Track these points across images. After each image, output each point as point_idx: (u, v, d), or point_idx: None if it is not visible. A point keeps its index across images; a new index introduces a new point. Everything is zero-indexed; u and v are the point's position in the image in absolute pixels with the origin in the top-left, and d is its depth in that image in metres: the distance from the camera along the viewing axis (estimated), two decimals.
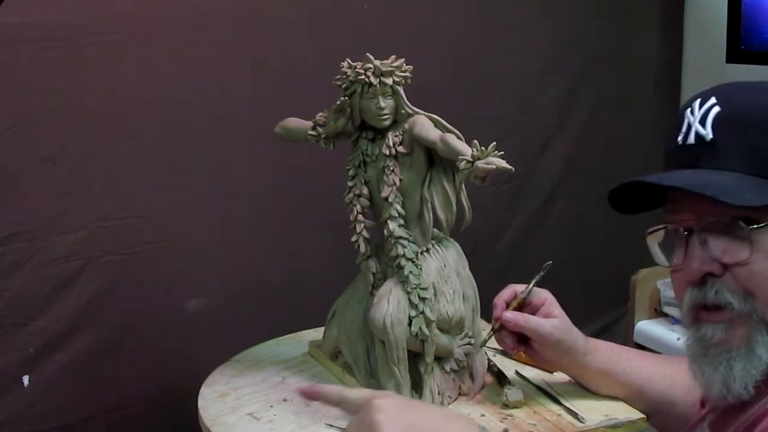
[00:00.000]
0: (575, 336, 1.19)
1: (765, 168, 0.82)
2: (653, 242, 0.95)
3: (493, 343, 1.24)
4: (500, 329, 1.20)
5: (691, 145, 0.87)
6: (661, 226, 0.93)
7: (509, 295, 1.20)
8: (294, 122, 1.28)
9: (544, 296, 1.21)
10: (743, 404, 0.86)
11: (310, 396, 0.93)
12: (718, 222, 0.84)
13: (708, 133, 0.85)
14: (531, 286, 1.20)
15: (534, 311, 1.19)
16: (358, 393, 0.90)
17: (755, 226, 0.82)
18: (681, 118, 0.89)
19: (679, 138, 0.88)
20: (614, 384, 1.20)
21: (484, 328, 1.28)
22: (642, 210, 0.96)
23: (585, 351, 1.19)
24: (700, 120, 0.86)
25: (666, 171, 0.91)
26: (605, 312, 2.32)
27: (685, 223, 0.88)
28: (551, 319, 1.18)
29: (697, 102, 0.88)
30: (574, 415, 1.17)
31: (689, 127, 0.87)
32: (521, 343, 1.21)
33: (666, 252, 0.94)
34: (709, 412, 0.95)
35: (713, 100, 0.86)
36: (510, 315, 1.17)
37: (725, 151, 0.84)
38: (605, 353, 1.21)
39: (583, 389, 1.23)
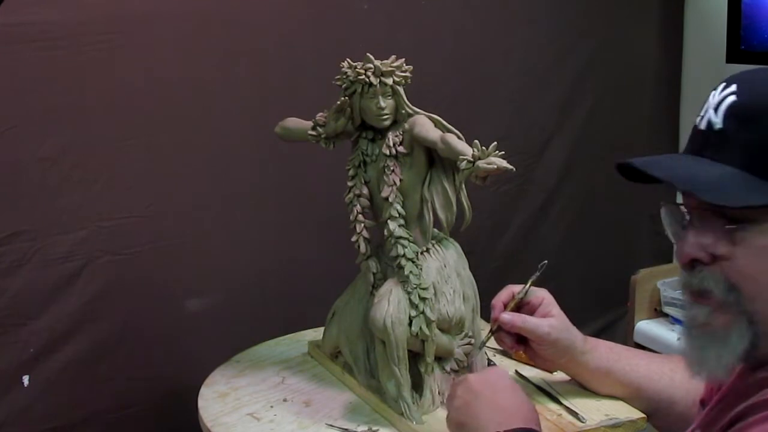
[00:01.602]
0: (573, 335, 1.19)
1: (758, 166, 0.80)
2: (665, 215, 0.93)
3: (493, 343, 1.24)
4: (498, 330, 1.20)
5: (701, 130, 0.85)
6: (670, 203, 0.91)
7: (507, 296, 1.21)
8: (293, 122, 1.28)
9: (541, 296, 1.21)
10: (735, 401, 0.86)
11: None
12: (709, 214, 0.83)
13: (718, 121, 0.83)
14: (528, 286, 1.21)
15: (532, 311, 1.20)
16: None
17: (744, 224, 0.81)
18: (706, 99, 0.87)
19: (697, 120, 0.87)
20: (613, 383, 1.20)
21: (484, 328, 1.28)
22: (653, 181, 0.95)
23: (583, 350, 1.19)
24: (714, 106, 0.84)
25: (680, 152, 0.90)
26: (605, 312, 2.32)
27: (684, 205, 0.87)
28: (549, 318, 1.18)
29: (721, 86, 0.85)
30: (575, 414, 1.17)
31: (706, 111, 0.85)
32: (520, 342, 1.21)
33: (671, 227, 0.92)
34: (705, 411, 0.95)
35: (734, 87, 0.84)
36: (507, 316, 1.18)
37: (730, 144, 0.82)
38: (604, 352, 1.21)
39: (584, 389, 1.23)
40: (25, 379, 1.52)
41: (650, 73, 2.33)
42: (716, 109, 0.84)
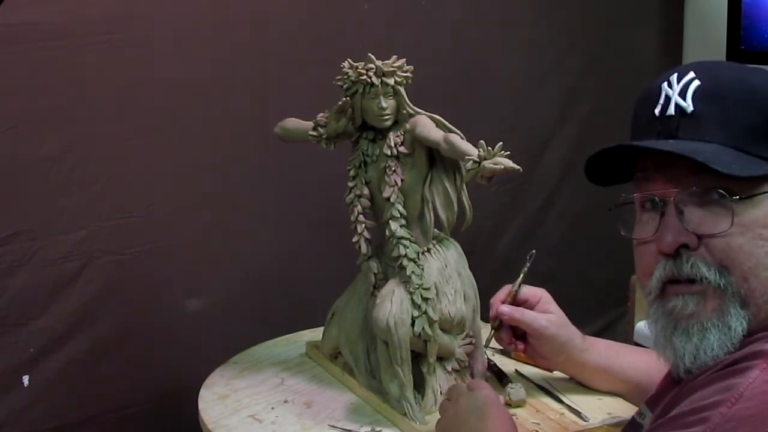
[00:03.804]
0: (571, 332, 1.20)
1: (744, 141, 0.82)
2: (621, 213, 0.93)
3: (493, 343, 1.25)
4: (499, 327, 1.21)
5: (670, 116, 0.86)
6: (633, 195, 0.90)
7: (504, 295, 1.23)
8: (293, 123, 1.28)
9: (539, 294, 1.22)
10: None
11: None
12: (696, 192, 0.83)
13: (689, 105, 0.85)
14: (521, 277, 1.23)
15: (530, 309, 1.21)
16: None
17: (737, 197, 0.81)
18: (656, 90, 0.89)
19: (656, 110, 0.88)
20: (613, 380, 1.21)
21: (484, 328, 1.28)
22: (614, 183, 0.94)
23: (582, 348, 1.20)
24: (679, 93, 0.86)
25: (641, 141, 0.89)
26: (605, 312, 2.32)
27: (660, 193, 0.86)
28: (547, 314, 1.20)
29: (675, 76, 0.87)
30: (577, 413, 1.17)
31: (668, 99, 0.87)
32: (519, 339, 1.22)
33: (629, 224, 0.92)
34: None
35: (692, 74, 0.86)
36: (506, 308, 1.20)
37: (706, 123, 0.84)
38: (603, 350, 1.22)
39: (585, 387, 1.23)
40: (25, 379, 1.52)
41: (650, 73, 2.32)
42: (683, 95, 0.85)
